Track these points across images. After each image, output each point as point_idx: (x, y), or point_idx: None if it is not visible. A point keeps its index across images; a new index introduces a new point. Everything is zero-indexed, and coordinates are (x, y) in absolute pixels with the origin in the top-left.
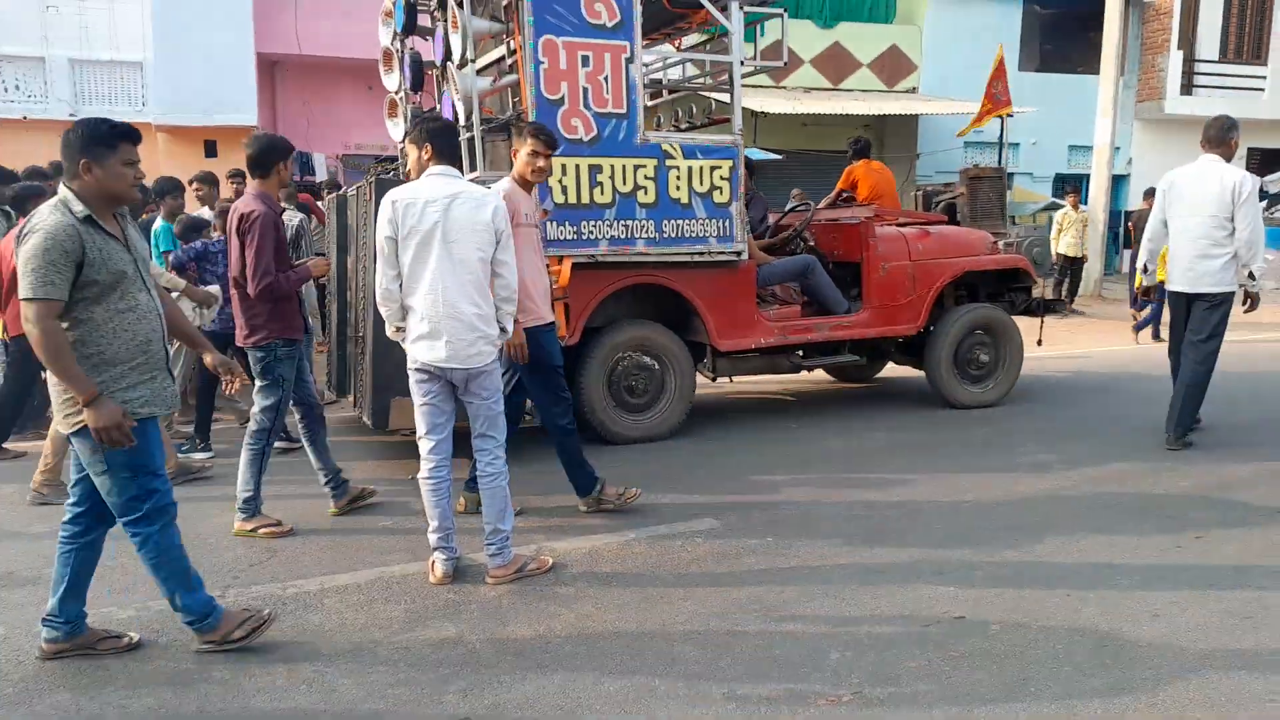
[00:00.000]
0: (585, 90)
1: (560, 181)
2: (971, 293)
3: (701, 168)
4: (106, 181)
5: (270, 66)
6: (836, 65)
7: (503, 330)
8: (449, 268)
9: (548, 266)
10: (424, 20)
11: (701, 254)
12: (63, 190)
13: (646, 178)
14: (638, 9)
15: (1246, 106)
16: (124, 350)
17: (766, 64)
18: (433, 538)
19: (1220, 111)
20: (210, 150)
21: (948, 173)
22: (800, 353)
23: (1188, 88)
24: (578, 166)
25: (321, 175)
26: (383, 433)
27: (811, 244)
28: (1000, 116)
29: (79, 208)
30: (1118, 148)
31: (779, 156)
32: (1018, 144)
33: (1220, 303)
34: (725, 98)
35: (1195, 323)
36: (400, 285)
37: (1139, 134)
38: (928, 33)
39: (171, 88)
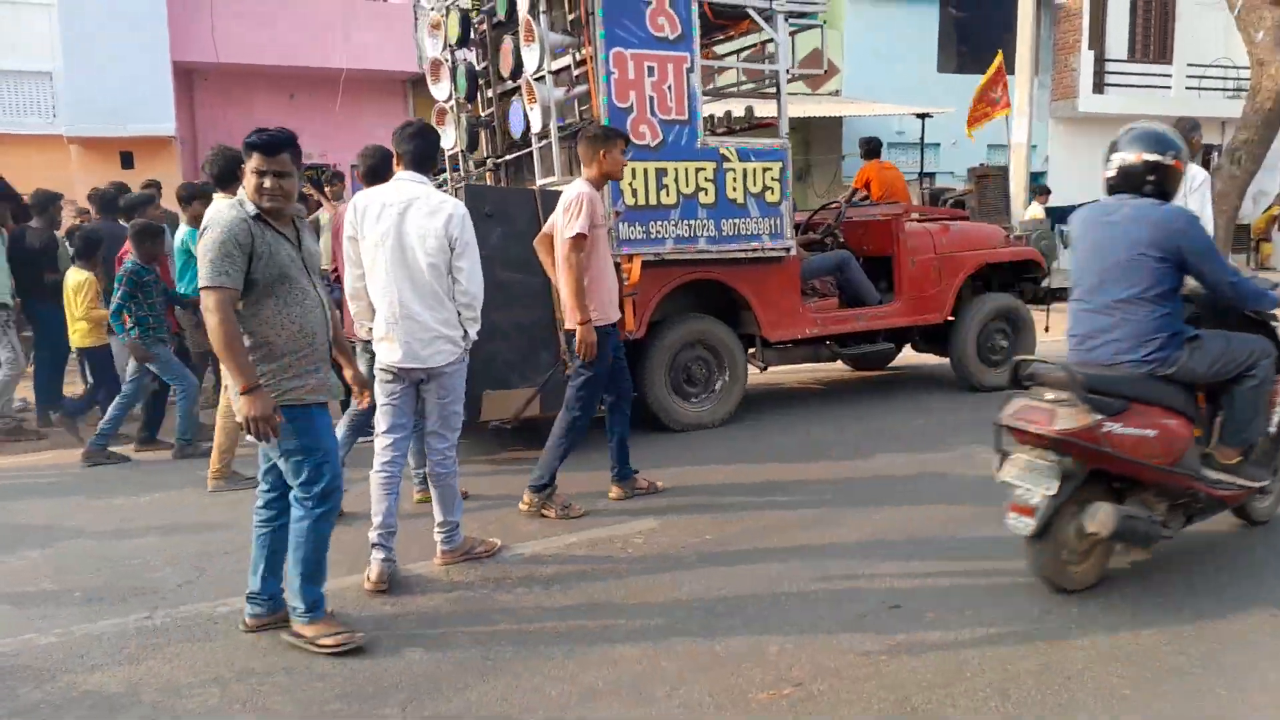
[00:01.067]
0: (651, 99)
1: (630, 184)
2: (986, 283)
3: (755, 169)
4: (247, 186)
5: (188, 75)
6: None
7: (465, 334)
8: (402, 272)
9: (618, 265)
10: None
11: (755, 250)
12: (240, 192)
13: (706, 180)
14: (697, 22)
15: (1154, 104)
16: (290, 342)
17: (806, 71)
18: (373, 534)
19: (1129, 107)
20: (127, 161)
21: None
22: (832, 342)
23: (1099, 86)
24: (646, 170)
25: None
26: (475, 425)
27: (841, 240)
28: (1002, 117)
29: (250, 207)
30: (1034, 145)
31: None
32: (938, 144)
33: None
34: (771, 103)
35: None
36: (364, 284)
37: (1054, 132)
38: (848, 36)
39: (83, 98)
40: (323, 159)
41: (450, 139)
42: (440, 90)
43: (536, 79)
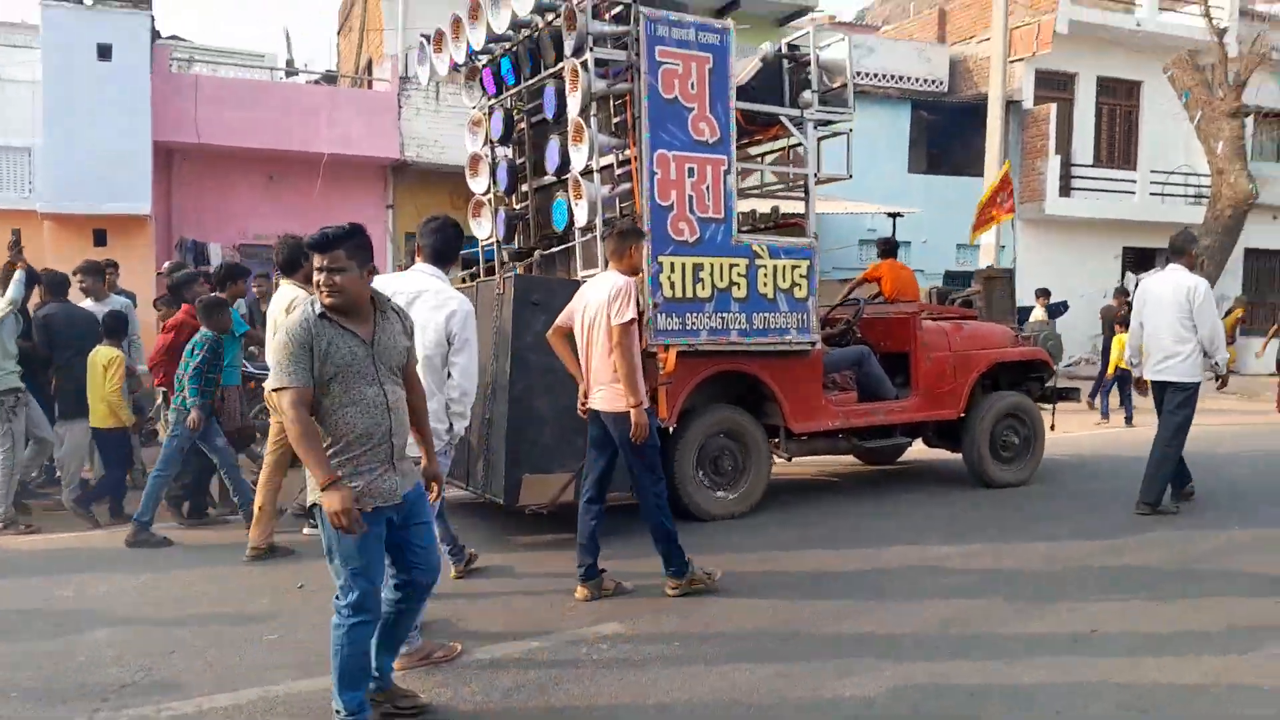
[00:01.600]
0: (691, 197)
1: (668, 278)
2: (995, 381)
3: (783, 266)
4: (310, 283)
5: (167, 154)
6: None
7: (450, 427)
8: None
9: (655, 354)
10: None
11: (784, 344)
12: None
13: (739, 275)
14: (734, 128)
15: (1119, 207)
16: (341, 441)
17: (833, 176)
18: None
19: (1095, 211)
20: (100, 239)
21: (845, 269)
22: (851, 434)
23: (1065, 190)
24: (683, 265)
25: (217, 264)
26: (511, 509)
27: (859, 335)
28: (1006, 221)
29: (318, 305)
30: (1003, 246)
31: None
32: (909, 242)
33: (1187, 390)
34: (799, 204)
35: (1167, 406)
36: None
37: (1022, 233)
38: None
39: (60, 174)
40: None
41: (486, 230)
42: (478, 184)
43: (584, 176)
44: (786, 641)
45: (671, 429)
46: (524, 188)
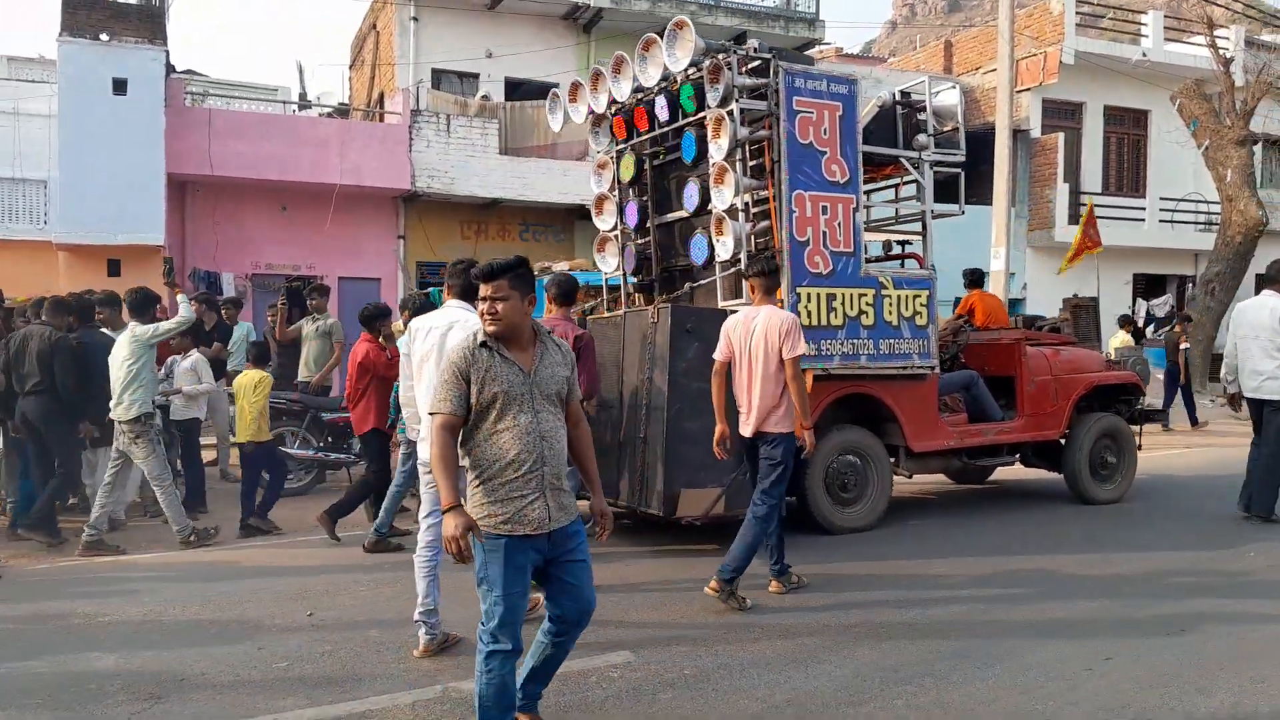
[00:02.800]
0: (824, 233)
1: (806, 307)
2: (1089, 403)
3: (907, 296)
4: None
5: (181, 186)
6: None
7: None
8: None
9: None
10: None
11: (905, 368)
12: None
13: (867, 304)
14: (860, 169)
15: (1129, 235)
16: (491, 468)
17: (945, 211)
18: (416, 613)
19: (1104, 238)
20: (114, 269)
21: None
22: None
23: (1074, 217)
24: (818, 295)
25: (229, 293)
26: (670, 520)
27: (963, 361)
28: (1093, 254)
29: (480, 335)
30: (1013, 273)
31: None
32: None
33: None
34: (917, 238)
35: (1267, 421)
36: (414, 394)
37: (1031, 260)
38: None
39: (75, 206)
40: (310, 271)
41: (612, 264)
42: (604, 222)
43: (728, 214)
44: (807, 665)
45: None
46: (648, 225)
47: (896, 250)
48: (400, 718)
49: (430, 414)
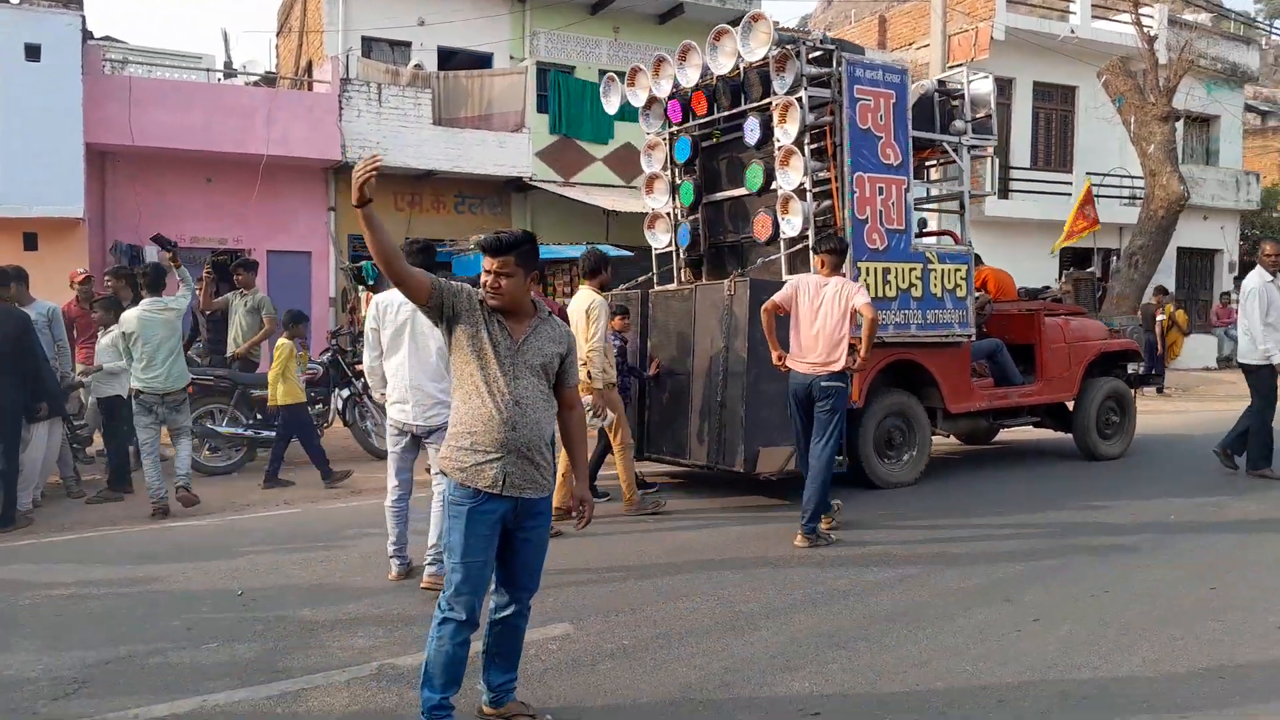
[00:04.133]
0: (880, 212)
1: (864, 281)
2: (1091, 368)
3: (949, 270)
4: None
5: (100, 157)
6: None
7: None
8: (414, 354)
9: (853, 345)
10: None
11: (947, 337)
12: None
13: (916, 278)
14: (910, 152)
15: (1056, 209)
16: (465, 421)
17: (978, 192)
18: (390, 548)
19: (1032, 212)
20: (30, 243)
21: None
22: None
23: (1004, 192)
24: (876, 269)
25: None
26: (750, 477)
27: (985, 330)
28: (1093, 232)
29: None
30: None
31: (631, 254)
32: None
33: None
34: (955, 216)
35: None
36: (380, 362)
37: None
38: None
39: None
40: (236, 244)
41: (664, 240)
42: (656, 200)
43: (797, 194)
44: (741, 634)
45: (860, 407)
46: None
47: (932, 227)
48: (335, 696)
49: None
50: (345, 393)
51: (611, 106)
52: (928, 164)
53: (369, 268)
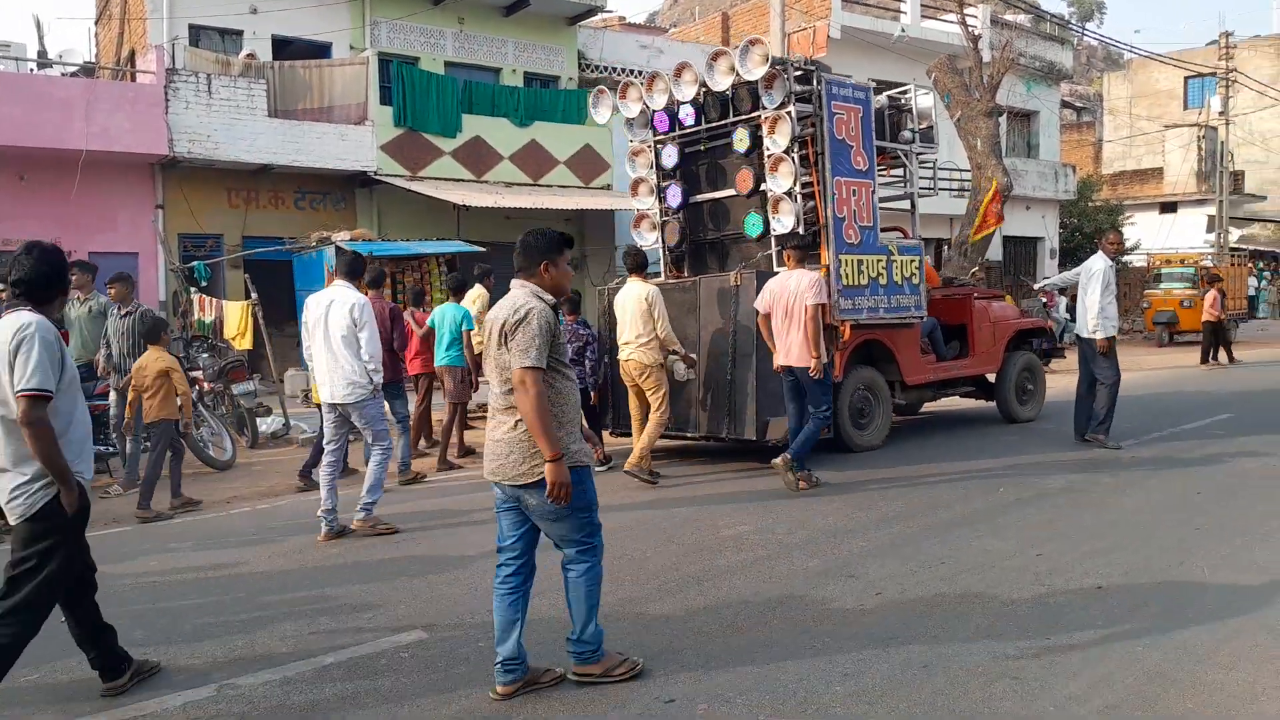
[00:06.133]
0: (854, 211)
1: (844, 271)
2: (1008, 345)
3: (906, 260)
4: (559, 279)
5: None
6: (535, 162)
7: (371, 380)
8: (327, 342)
9: (836, 328)
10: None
11: (907, 318)
12: (531, 285)
13: (882, 268)
14: (875, 159)
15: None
16: (570, 411)
17: (925, 191)
18: (321, 511)
19: None
20: None
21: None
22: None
23: None
24: (853, 260)
25: None
26: (759, 443)
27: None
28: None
29: (549, 298)
30: None
31: (483, 249)
32: None
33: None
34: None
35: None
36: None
37: None
38: (616, 135)
39: None
40: (56, 245)
41: (651, 239)
42: (642, 202)
43: (788, 196)
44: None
45: (840, 380)
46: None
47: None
48: None
49: (530, 368)
50: None
51: (602, 117)
52: (879, 168)
53: (201, 268)
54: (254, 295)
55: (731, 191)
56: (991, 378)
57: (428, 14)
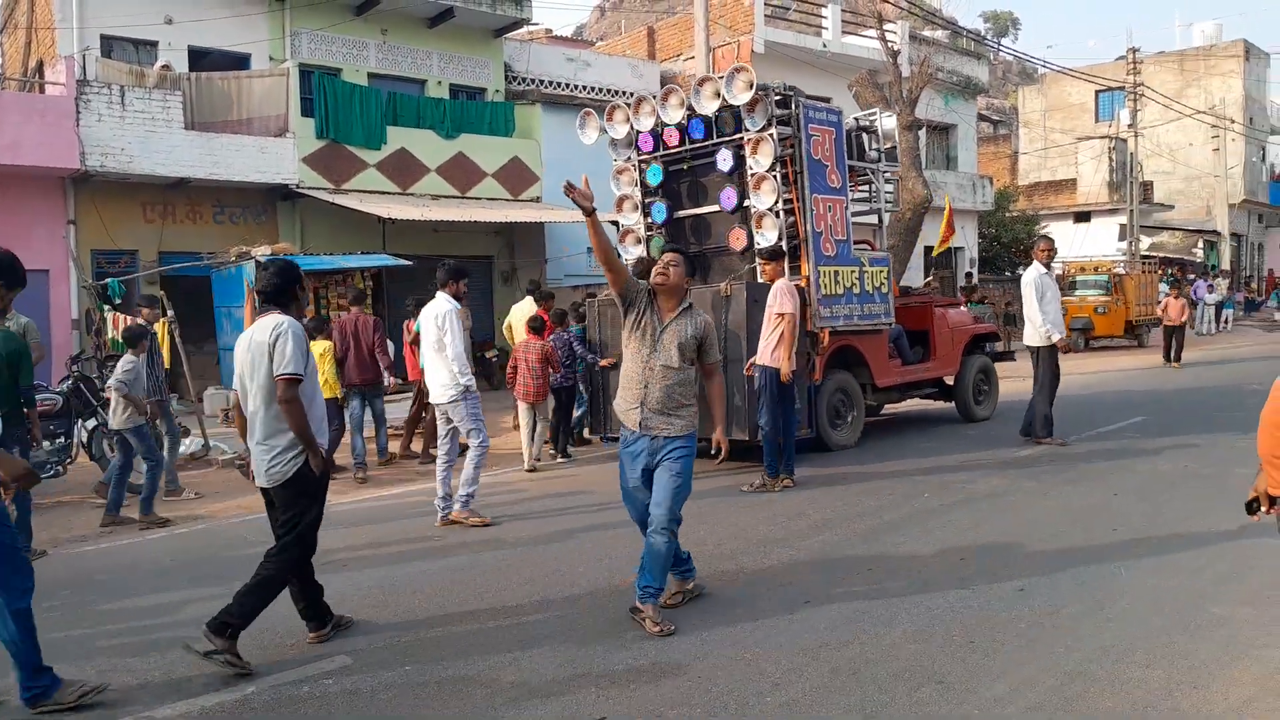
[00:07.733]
0: (831, 225)
1: (823, 281)
2: (965, 349)
3: (876, 271)
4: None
5: None
6: (462, 174)
7: (457, 383)
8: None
9: (816, 335)
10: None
11: (878, 325)
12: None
13: (855, 278)
14: (847, 177)
15: None
16: (624, 378)
17: (890, 207)
18: (436, 500)
19: None
20: None
21: (576, 276)
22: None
23: None
24: (830, 272)
25: None
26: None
27: None
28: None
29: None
30: None
31: (409, 263)
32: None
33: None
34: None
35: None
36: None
37: None
38: (546, 147)
39: None
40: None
41: (634, 253)
42: (627, 218)
43: (770, 212)
44: (526, 653)
45: (819, 383)
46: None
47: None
48: None
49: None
50: (91, 424)
51: (588, 138)
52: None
53: (115, 285)
54: (170, 312)
55: (714, 207)
56: (950, 380)
57: (350, 25)
